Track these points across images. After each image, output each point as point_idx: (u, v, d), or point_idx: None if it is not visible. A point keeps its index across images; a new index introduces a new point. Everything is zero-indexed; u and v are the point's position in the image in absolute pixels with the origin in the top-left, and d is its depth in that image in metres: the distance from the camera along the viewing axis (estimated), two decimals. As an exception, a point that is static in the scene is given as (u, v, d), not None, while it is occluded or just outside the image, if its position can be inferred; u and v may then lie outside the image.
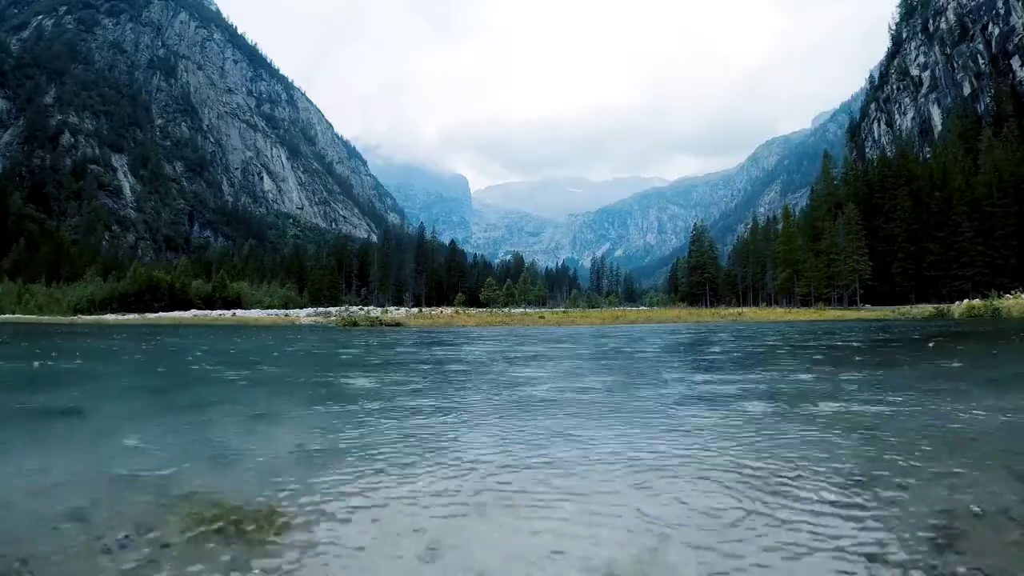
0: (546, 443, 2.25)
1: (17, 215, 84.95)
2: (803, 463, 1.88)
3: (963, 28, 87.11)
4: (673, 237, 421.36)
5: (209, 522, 1.37)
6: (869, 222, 53.74)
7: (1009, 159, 51.73)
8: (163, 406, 3.54)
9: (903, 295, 50.73)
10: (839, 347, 8.31)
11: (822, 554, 1.18)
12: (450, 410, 3.13)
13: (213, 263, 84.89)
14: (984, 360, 6.20)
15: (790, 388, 3.90)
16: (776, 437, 2.28)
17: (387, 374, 5.35)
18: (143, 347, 9.90)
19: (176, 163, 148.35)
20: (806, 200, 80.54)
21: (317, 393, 4.00)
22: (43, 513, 1.48)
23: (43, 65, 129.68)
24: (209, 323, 27.68)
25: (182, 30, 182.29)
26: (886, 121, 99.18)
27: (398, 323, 20.22)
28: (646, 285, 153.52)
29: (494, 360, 6.71)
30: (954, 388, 3.93)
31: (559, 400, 3.46)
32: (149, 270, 59.15)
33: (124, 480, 1.77)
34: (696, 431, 2.44)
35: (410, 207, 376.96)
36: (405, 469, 1.88)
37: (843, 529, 1.31)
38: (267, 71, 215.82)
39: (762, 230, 73.49)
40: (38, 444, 2.40)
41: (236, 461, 2.00)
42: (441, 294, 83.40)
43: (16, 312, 46.11)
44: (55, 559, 1.21)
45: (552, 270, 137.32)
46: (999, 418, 2.73)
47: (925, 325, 15.64)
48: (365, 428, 2.61)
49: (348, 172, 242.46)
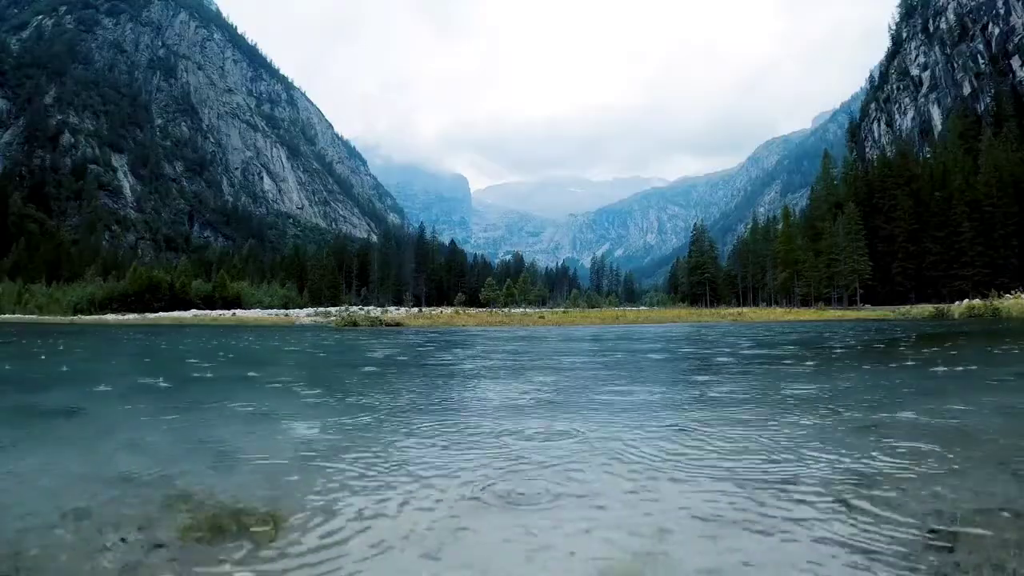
0: (547, 443, 2.25)
1: (17, 215, 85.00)
2: (802, 463, 1.88)
3: (963, 28, 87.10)
4: (673, 237, 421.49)
5: (209, 522, 1.37)
6: (869, 222, 53.74)
7: (1009, 159, 51.72)
8: (163, 406, 3.54)
9: (903, 295, 50.74)
10: (839, 347, 8.31)
11: (821, 554, 1.18)
12: (450, 410, 3.13)
13: (213, 263, 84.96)
14: (984, 360, 6.20)
15: (790, 388, 3.90)
16: (775, 436, 2.28)
17: (387, 374, 5.35)
18: (143, 347, 9.90)
19: (176, 163, 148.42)
20: (806, 200, 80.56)
21: (317, 393, 4.00)
22: (43, 513, 1.48)
23: (43, 65, 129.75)
24: (209, 323, 27.69)
25: (182, 30, 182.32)
26: (886, 121, 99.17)
27: (398, 323, 20.23)
28: (646, 285, 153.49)
29: (494, 360, 6.71)
30: (954, 387, 3.93)
31: (559, 401, 3.46)
32: (149, 270, 59.17)
33: (124, 480, 1.76)
34: (696, 431, 2.44)
35: (410, 207, 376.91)
36: (406, 469, 1.87)
37: (842, 529, 1.31)
38: (267, 71, 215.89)
39: (762, 230, 73.51)
40: (38, 444, 2.40)
41: (236, 461, 2.00)
42: (441, 294, 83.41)
43: (16, 312, 46.12)
44: (55, 559, 1.20)
45: (552, 270, 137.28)
46: (999, 418, 2.73)
47: (925, 325, 15.65)
48: (365, 428, 2.61)
49: (348, 172, 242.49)
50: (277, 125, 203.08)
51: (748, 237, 77.62)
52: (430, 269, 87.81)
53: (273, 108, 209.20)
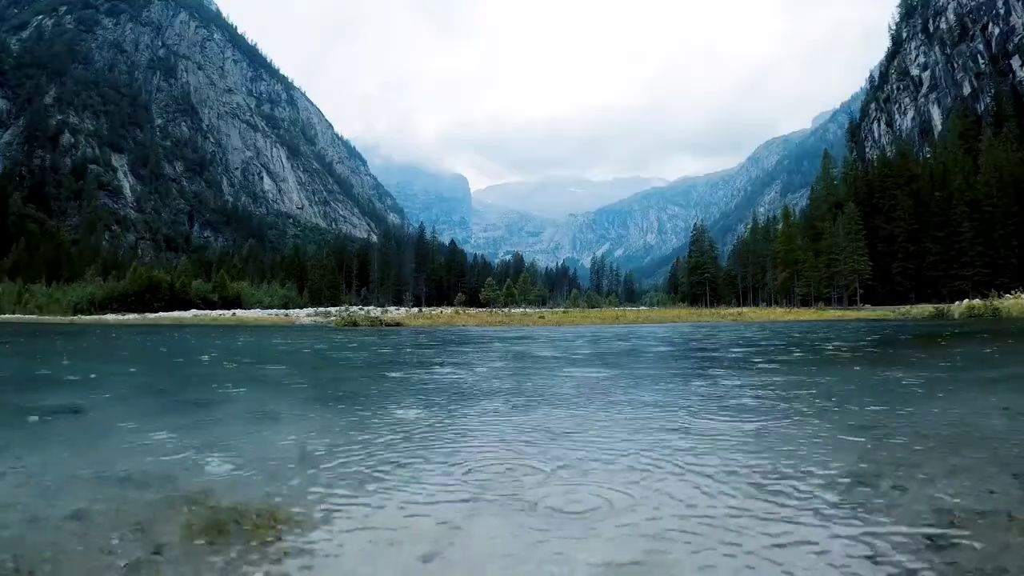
0: (547, 444, 2.25)
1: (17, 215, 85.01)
2: (802, 462, 1.88)
3: (963, 28, 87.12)
4: (673, 237, 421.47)
5: (209, 523, 1.37)
6: (869, 222, 53.75)
7: (1009, 159, 51.73)
8: (163, 406, 3.54)
9: (903, 295, 50.74)
10: (838, 347, 8.31)
11: (821, 554, 1.18)
12: (451, 411, 3.13)
13: (213, 263, 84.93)
14: (983, 359, 6.20)
15: (790, 388, 3.90)
16: (775, 436, 2.29)
17: (388, 374, 5.35)
18: (143, 347, 9.90)
19: (176, 163, 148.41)
20: (806, 200, 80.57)
21: (317, 393, 4.00)
22: (43, 513, 1.48)
23: (43, 65, 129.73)
24: (209, 323, 27.68)
25: (182, 30, 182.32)
26: (886, 121, 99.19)
27: (398, 323, 20.23)
28: (646, 285, 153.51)
29: (493, 360, 6.71)
30: (954, 388, 3.93)
31: (559, 402, 3.46)
32: (149, 270, 59.14)
33: (124, 480, 1.77)
34: (696, 431, 2.44)
35: (410, 207, 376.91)
36: (406, 470, 1.87)
37: (842, 529, 1.31)
38: (267, 71, 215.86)
39: (762, 230, 73.54)
40: (38, 444, 2.40)
41: (236, 461, 2.00)
42: (441, 294, 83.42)
43: (16, 312, 46.09)
44: (55, 559, 1.20)
45: (552, 270, 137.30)
46: (999, 418, 2.72)
47: (925, 325, 15.65)
48: (366, 428, 2.61)
49: (348, 172, 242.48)
50: (277, 125, 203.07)
51: (748, 237, 77.64)
52: (430, 269, 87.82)
53: (273, 108, 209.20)
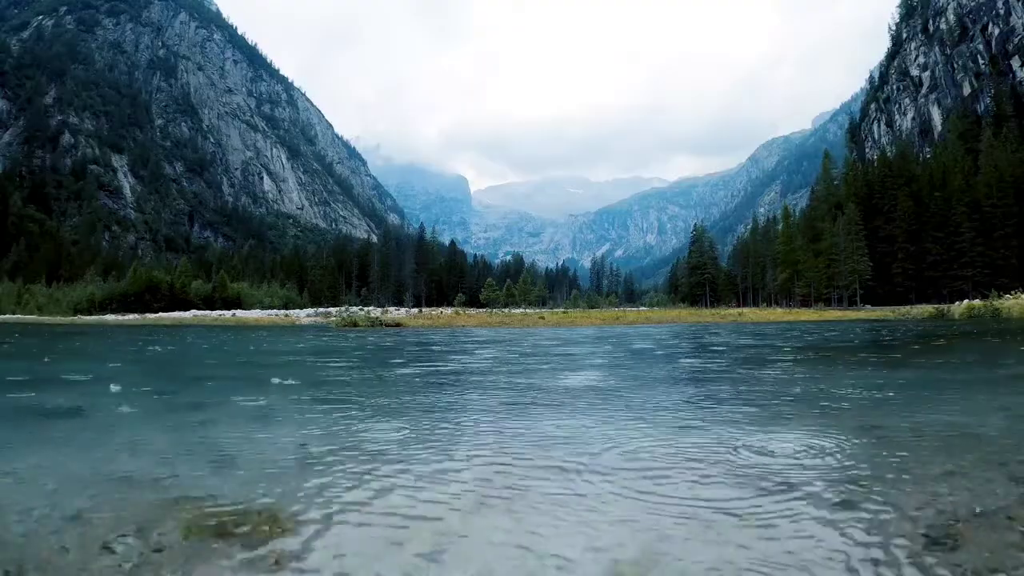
0: (547, 444, 2.25)
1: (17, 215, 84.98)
2: (802, 462, 1.88)
3: (963, 28, 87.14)
4: (673, 237, 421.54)
5: (209, 523, 1.37)
6: (869, 222, 53.77)
7: (1009, 159, 51.78)
8: (163, 406, 3.54)
9: (903, 295, 50.76)
10: (838, 347, 8.32)
11: (821, 554, 1.18)
12: (451, 411, 3.13)
13: (213, 263, 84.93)
14: (983, 360, 6.20)
15: (790, 387, 3.90)
16: (775, 436, 2.28)
17: (388, 374, 5.35)
18: (143, 347, 9.90)
19: (176, 163, 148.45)
20: (806, 200, 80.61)
21: (318, 393, 4.00)
22: (43, 513, 1.48)
23: (43, 65, 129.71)
24: (209, 323, 27.68)
25: (182, 30, 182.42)
26: (886, 121, 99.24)
27: (398, 323, 20.22)
28: (646, 285, 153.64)
29: (493, 360, 6.71)
30: (953, 388, 3.94)
31: (559, 402, 3.46)
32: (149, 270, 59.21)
33: (124, 480, 1.76)
34: (696, 431, 2.44)
35: (410, 207, 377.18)
36: (406, 470, 1.87)
37: (842, 528, 1.31)
38: (267, 71, 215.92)
39: (762, 230, 73.60)
40: (38, 444, 2.40)
41: (236, 461, 1.99)
42: (441, 294, 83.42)
43: (16, 312, 46.09)
44: (55, 559, 1.20)
45: (552, 270, 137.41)
46: (999, 418, 2.72)
47: (925, 325, 15.64)
48: (366, 428, 2.61)
49: (348, 172, 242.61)
50: (277, 125, 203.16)
51: (748, 237, 77.71)
52: (430, 269, 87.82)
53: (273, 108, 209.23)
